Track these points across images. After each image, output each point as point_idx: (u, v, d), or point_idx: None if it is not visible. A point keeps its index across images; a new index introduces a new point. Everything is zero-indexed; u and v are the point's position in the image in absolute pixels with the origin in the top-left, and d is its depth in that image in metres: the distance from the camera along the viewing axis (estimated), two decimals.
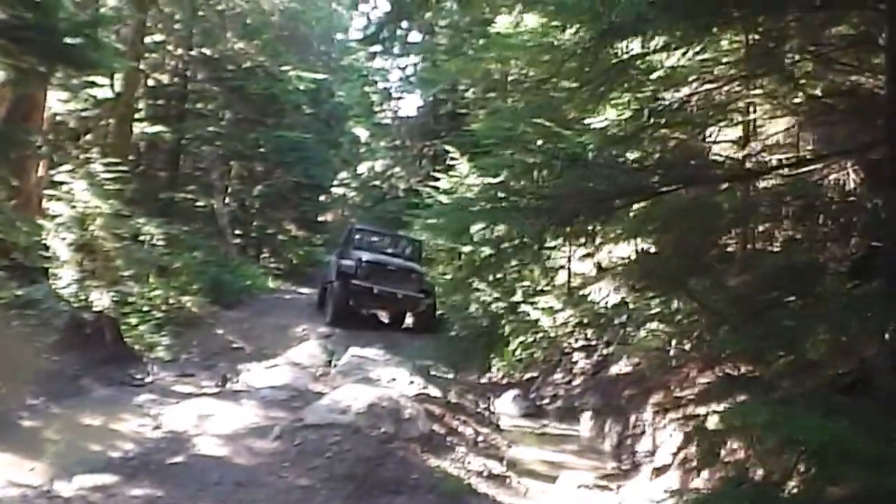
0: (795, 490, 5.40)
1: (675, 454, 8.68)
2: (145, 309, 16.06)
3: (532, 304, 14.85)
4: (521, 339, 15.23)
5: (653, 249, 11.05)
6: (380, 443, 8.52)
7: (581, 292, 13.21)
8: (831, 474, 4.90)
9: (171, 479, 7.62)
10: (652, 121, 9.04)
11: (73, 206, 15.60)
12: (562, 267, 15.27)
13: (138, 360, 13.17)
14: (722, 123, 10.09)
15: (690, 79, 9.11)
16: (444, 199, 19.95)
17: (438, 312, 20.74)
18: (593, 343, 13.72)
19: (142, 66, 21.75)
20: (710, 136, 10.42)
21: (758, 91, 9.09)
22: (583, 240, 11.39)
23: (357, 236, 21.94)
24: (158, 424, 9.69)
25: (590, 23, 7.26)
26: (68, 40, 11.78)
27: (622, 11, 6.34)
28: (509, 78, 16.72)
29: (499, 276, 16.61)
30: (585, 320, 13.64)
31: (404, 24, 26.68)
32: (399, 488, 7.69)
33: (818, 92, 8.69)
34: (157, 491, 7.29)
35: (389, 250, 21.99)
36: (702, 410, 8.48)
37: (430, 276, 21.50)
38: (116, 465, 8.04)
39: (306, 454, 8.22)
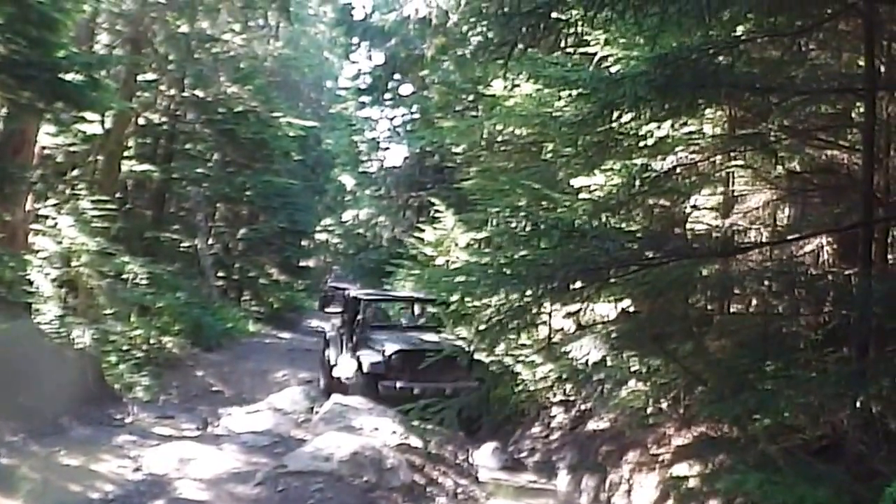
0: None
1: None
2: (126, 348, 16.03)
3: (514, 356, 14.89)
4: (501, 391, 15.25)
5: (634, 309, 11.22)
6: (362, 492, 8.61)
7: (562, 348, 13.31)
8: None
9: None
10: (642, 188, 9.27)
11: (59, 242, 15.61)
12: (543, 322, 15.35)
13: (118, 400, 13.21)
14: (705, 193, 10.36)
15: (677, 149, 9.37)
16: (428, 251, 20.10)
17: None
18: (572, 398, 13.81)
19: (133, 105, 21.87)
20: (693, 203, 10.68)
21: (739, 163, 9.37)
22: (567, 300, 11.50)
23: (371, 309, 17.24)
24: (139, 466, 9.74)
25: (590, 96, 7.48)
26: (67, 78, 11.94)
27: (623, 91, 6.58)
28: (499, 138, 16.86)
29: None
30: (564, 375, 13.70)
31: (396, 76, 27.03)
32: None
33: (797, 166, 8.97)
34: None
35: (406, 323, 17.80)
36: (678, 469, 8.62)
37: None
38: None
39: (289, 501, 8.28)
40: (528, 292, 7.45)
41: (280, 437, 11.47)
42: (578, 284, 7.56)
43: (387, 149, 34.01)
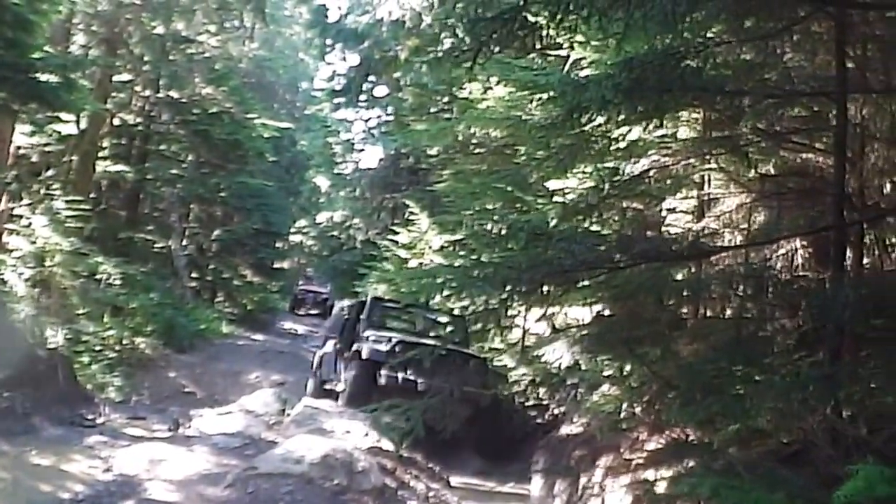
0: None
1: None
2: (98, 348, 15.95)
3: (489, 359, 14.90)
4: None
5: (607, 312, 11.28)
6: (333, 494, 8.60)
7: (535, 352, 13.34)
8: None
9: None
10: (613, 191, 9.33)
11: (33, 242, 15.53)
12: (517, 326, 15.39)
13: (90, 400, 13.17)
14: (678, 196, 10.42)
15: (650, 152, 9.42)
16: (402, 253, 20.13)
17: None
18: (545, 402, 13.85)
19: (108, 105, 21.79)
20: (667, 206, 10.75)
21: (712, 166, 9.43)
22: (540, 304, 11.55)
23: (377, 310, 15.75)
24: (109, 467, 9.72)
25: (559, 99, 7.52)
26: (42, 79, 11.92)
27: (589, 94, 6.61)
28: (473, 140, 16.89)
29: None
30: (538, 379, 13.75)
31: (371, 77, 27.02)
32: None
33: (770, 170, 9.04)
34: None
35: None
36: (650, 474, 8.65)
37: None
38: None
39: (259, 503, 8.26)
40: (494, 295, 7.48)
41: (251, 439, 11.47)
42: (546, 287, 7.60)
43: (361, 150, 34.04)
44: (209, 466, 9.72)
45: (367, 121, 31.84)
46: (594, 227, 9.87)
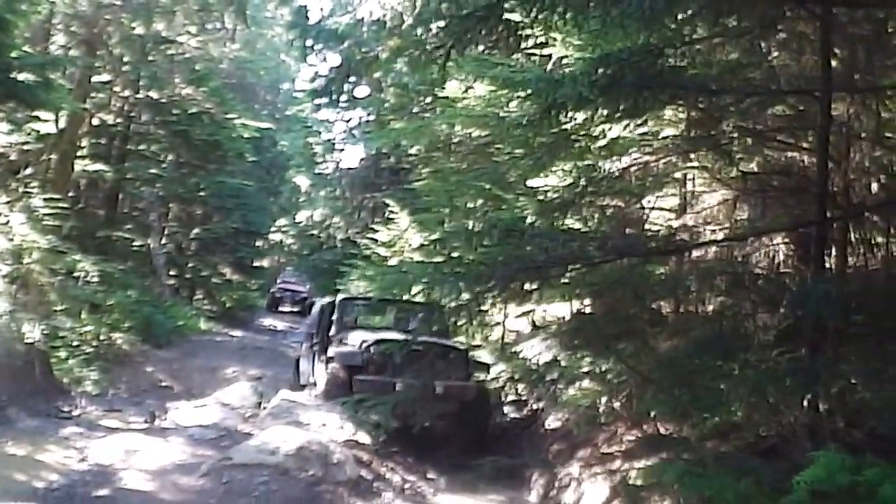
0: None
1: None
2: (76, 344, 15.93)
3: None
4: None
5: (588, 310, 11.35)
6: (308, 485, 8.63)
7: (514, 348, 13.38)
8: None
9: None
10: (591, 189, 9.37)
11: (11, 239, 15.48)
12: (497, 323, 15.45)
13: (66, 394, 13.15)
14: (659, 194, 10.48)
15: (631, 150, 9.46)
16: (382, 251, 20.17)
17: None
18: (524, 398, 13.89)
19: (87, 105, 21.76)
20: (648, 204, 10.80)
21: (695, 164, 9.48)
22: (519, 301, 11.58)
23: (348, 310, 15.06)
24: (84, 457, 9.73)
25: (535, 97, 7.54)
26: (20, 78, 11.92)
27: (565, 91, 6.64)
28: (454, 139, 16.95)
29: None
30: (517, 375, 13.79)
31: (352, 78, 27.03)
32: None
33: (753, 167, 9.11)
34: None
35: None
36: (627, 467, 8.72)
37: None
38: (41, 495, 8.10)
39: (233, 493, 8.29)
40: (466, 290, 7.51)
41: (227, 431, 11.48)
42: (520, 283, 7.65)
43: (342, 150, 33.95)
44: (184, 457, 9.75)
45: (347, 121, 31.82)
46: (572, 224, 9.91)
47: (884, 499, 4.71)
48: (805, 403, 6.36)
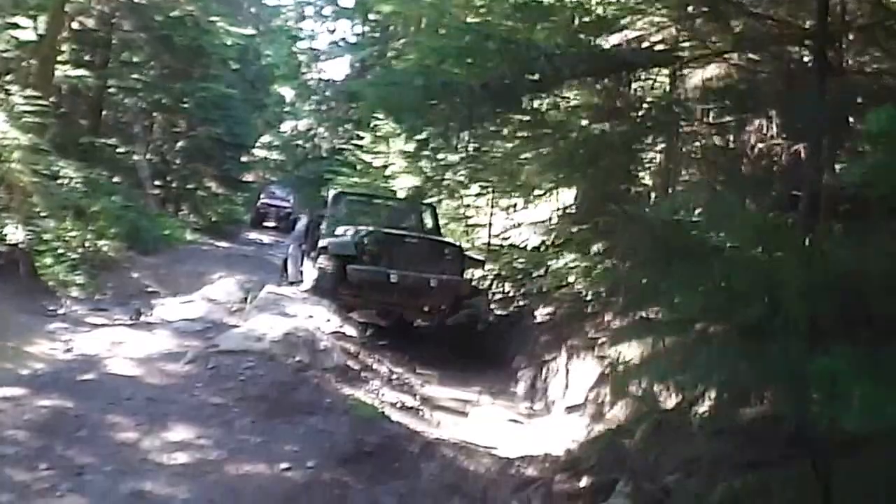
0: (706, 413, 5.65)
1: (588, 393, 8.94)
2: (60, 250, 15.83)
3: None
4: None
5: (573, 210, 11.32)
6: (295, 371, 8.62)
7: (502, 238, 13.42)
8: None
9: (82, 394, 7.65)
10: None
11: None
12: (484, 225, 15.44)
13: (52, 294, 13.11)
14: None
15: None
16: (366, 157, 20.09)
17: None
18: (510, 294, 13.93)
19: (66, 10, 21.36)
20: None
21: None
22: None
23: (341, 205, 15.16)
24: (70, 348, 9.79)
25: None
26: None
27: None
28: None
29: None
30: (504, 273, 13.81)
31: None
32: (313, 410, 7.76)
33: None
34: (67, 402, 7.33)
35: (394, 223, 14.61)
36: (615, 351, 8.72)
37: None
38: (26, 380, 8.09)
39: (219, 377, 8.28)
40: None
41: (213, 324, 11.48)
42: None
43: (327, 61, 33.71)
44: (170, 347, 9.75)
45: (332, 32, 31.55)
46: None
47: None
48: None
